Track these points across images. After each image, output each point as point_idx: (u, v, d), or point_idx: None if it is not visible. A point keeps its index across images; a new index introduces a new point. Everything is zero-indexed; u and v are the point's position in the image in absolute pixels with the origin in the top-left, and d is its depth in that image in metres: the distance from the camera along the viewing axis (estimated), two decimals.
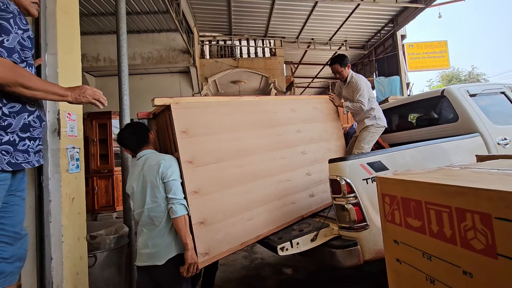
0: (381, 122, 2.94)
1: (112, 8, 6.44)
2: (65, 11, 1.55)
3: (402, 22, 8.62)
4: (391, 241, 0.77)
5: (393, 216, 0.76)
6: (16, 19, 1.06)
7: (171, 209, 1.54)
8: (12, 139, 1.10)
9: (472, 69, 27.17)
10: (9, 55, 1.02)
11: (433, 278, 0.65)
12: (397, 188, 0.74)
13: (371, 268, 2.86)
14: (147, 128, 1.82)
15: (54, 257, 1.37)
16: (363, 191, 1.84)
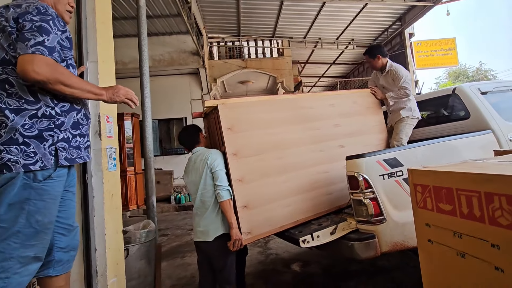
0: (416, 114, 2.91)
1: (124, 12, 6.61)
2: (102, 22, 1.68)
3: (410, 20, 8.62)
4: (422, 224, 0.88)
5: (425, 203, 0.87)
6: (54, 21, 1.16)
7: (218, 194, 1.85)
8: (66, 136, 1.21)
9: (480, 65, 26.80)
10: (50, 54, 1.11)
11: (463, 252, 0.76)
12: (429, 178, 0.85)
13: (384, 263, 2.96)
14: (199, 130, 2.17)
15: (98, 248, 1.50)
16: (380, 187, 1.93)
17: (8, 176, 1.06)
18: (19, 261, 1.07)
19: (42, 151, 1.13)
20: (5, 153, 1.06)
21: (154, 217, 2.56)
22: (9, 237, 1.05)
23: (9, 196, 1.06)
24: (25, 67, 1.05)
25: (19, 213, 1.07)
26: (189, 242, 4.43)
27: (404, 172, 2.01)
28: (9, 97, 1.10)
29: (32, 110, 1.13)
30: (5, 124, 1.08)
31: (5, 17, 1.11)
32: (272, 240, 4.08)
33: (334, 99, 2.62)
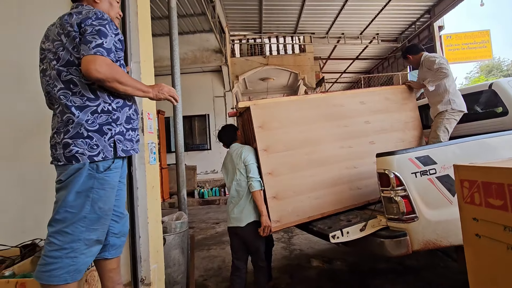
0: (457, 106, 2.75)
1: (151, 13, 6.83)
2: (143, 24, 1.79)
3: (440, 13, 8.23)
4: (470, 219, 0.89)
5: (473, 198, 0.88)
6: (110, 24, 1.28)
7: (250, 184, 2.07)
8: (121, 130, 1.32)
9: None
10: (108, 54, 1.22)
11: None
12: (477, 174, 0.86)
13: (413, 263, 2.92)
14: (235, 128, 2.41)
15: (142, 236, 1.62)
16: (411, 184, 1.91)
17: (76, 167, 1.19)
18: (84, 243, 1.19)
19: (103, 143, 1.24)
20: (73, 146, 1.19)
21: (185, 209, 2.67)
22: (77, 221, 1.18)
23: (77, 184, 1.18)
24: (88, 66, 1.15)
25: (85, 200, 1.19)
26: (214, 235, 4.57)
27: (437, 170, 1.98)
28: (73, 96, 1.23)
29: (93, 106, 1.25)
30: (72, 120, 1.20)
31: (70, 23, 1.23)
32: (295, 236, 4.12)
33: (365, 96, 2.62)
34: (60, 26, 1.25)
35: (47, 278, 1.13)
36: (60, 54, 1.23)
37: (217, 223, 5.36)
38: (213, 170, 8.56)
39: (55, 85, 1.23)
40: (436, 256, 3.03)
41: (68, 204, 1.17)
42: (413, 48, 3.08)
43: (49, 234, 1.17)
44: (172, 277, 2.10)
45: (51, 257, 1.14)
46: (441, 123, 2.77)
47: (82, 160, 1.19)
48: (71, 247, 1.16)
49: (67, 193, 1.18)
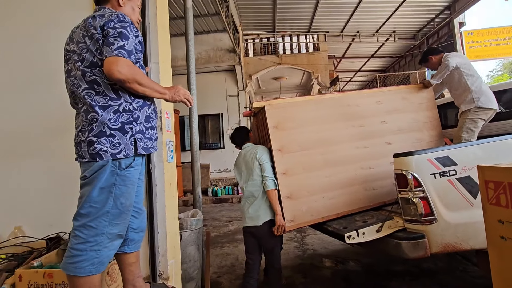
0: (482, 103, 2.61)
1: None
2: (162, 26, 1.84)
3: (460, 9, 7.95)
4: (495, 221, 0.87)
5: (498, 199, 0.86)
6: (131, 27, 1.33)
7: (265, 184, 2.08)
8: (141, 128, 1.36)
9: None
10: (128, 56, 1.26)
11: None
12: (503, 175, 0.84)
13: (430, 265, 2.85)
14: (248, 130, 2.46)
15: (160, 232, 1.66)
16: (430, 186, 1.86)
17: (100, 164, 1.24)
18: (107, 237, 1.25)
19: (125, 141, 1.29)
20: (97, 144, 1.24)
21: (200, 207, 2.72)
22: (101, 216, 1.23)
23: (101, 181, 1.24)
24: (110, 67, 1.19)
25: (108, 195, 1.25)
26: (227, 233, 4.62)
27: (457, 172, 1.92)
28: (97, 95, 1.28)
29: (115, 106, 1.29)
30: (96, 119, 1.25)
31: (93, 25, 1.27)
32: (308, 236, 4.10)
33: (381, 95, 2.58)
34: (84, 28, 1.30)
35: (73, 269, 1.18)
36: (84, 56, 1.28)
37: (230, 221, 5.41)
38: (226, 168, 8.63)
39: (80, 85, 1.28)
40: (454, 259, 2.94)
41: (92, 200, 1.22)
42: (434, 49, 3.03)
43: (74, 228, 1.23)
44: (187, 273, 2.15)
45: (77, 249, 1.20)
46: (464, 123, 2.67)
47: (106, 158, 1.24)
48: (95, 241, 1.21)
49: (91, 189, 1.23)
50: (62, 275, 1.37)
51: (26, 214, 2.00)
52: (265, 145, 2.32)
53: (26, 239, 1.83)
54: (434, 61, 2.94)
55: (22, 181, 2.04)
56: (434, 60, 2.94)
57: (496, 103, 2.67)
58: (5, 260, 1.60)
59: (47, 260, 1.55)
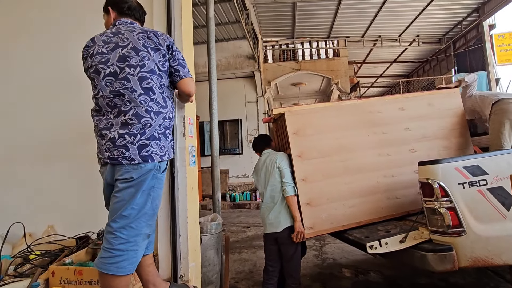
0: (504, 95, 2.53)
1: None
2: (187, 36, 1.92)
3: (491, 10, 7.59)
4: None
5: None
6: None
7: (284, 189, 2.09)
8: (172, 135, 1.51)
9: None
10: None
11: None
12: None
13: (458, 280, 2.70)
14: (269, 138, 2.49)
15: (182, 235, 1.71)
16: (459, 196, 1.78)
17: (149, 167, 1.32)
18: (143, 237, 1.32)
19: (168, 145, 1.43)
20: (150, 147, 1.33)
21: (219, 212, 2.75)
22: (141, 217, 1.30)
23: (145, 184, 1.31)
24: (189, 86, 1.53)
25: (147, 198, 1.32)
26: (245, 239, 4.62)
27: (488, 182, 1.83)
28: (151, 102, 1.38)
29: (164, 113, 1.43)
30: (149, 123, 1.35)
31: (159, 42, 1.46)
32: (328, 244, 4.02)
33: (405, 102, 2.52)
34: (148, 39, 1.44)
35: (116, 269, 1.23)
36: (146, 63, 1.40)
37: (248, 227, 5.42)
38: (244, 174, 8.68)
39: (134, 90, 1.35)
40: (485, 275, 2.77)
41: (135, 202, 1.28)
42: None
43: (114, 229, 1.27)
44: (207, 277, 2.18)
45: (119, 249, 1.25)
46: (493, 130, 2.50)
47: (156, 160, 1.34)
48: (135, 241, 1.28)
49: (135, 191, 1.29)
50: (91, 273, 1.44)
51: (58, 213, 2.12)
52: (285, 151, 2.32)
53: (57, 237, 1.95)
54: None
55: (54, 183, 2.18)
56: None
57: None
58: (39, 256, 1.71)
59: (77, 258, 1.64)
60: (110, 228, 1.27)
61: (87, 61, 1.43)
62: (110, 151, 1.31)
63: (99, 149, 1.37)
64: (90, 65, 1.41)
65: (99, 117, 1.38)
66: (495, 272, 2.71)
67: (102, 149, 1.34)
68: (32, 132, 2.27)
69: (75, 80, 2.01)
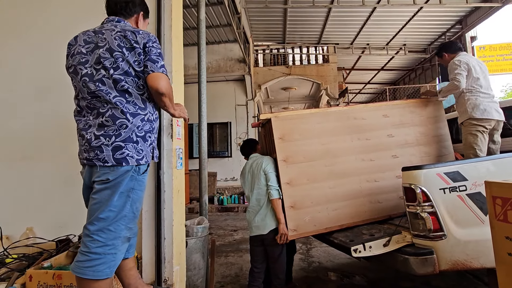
0: (478, 114, 2.46)
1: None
2: (176, 37, 1.91)
3: (472, 23, 7.92)
4: (502, 238, 0.86)
5: (505, 216, 0.85)
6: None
7: (269, 192, 2.14)
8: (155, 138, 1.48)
9: None
10: (167, 74, 1.41)
11: None
12: (511, 191, 0.83)
13: (439, 283, 2.76)
14: (255, 142, 2.56)
15: (167, 238, 1.68)
16: (440, 201, 1.84)
17: (125, 169, 1.29)
18: (122, 241, 1.29)
19: (146, 148, 1.38)
20: (125, 149, 1.30)
21: (206, 215, 2.73)
22: (119, 219, 1.27)
23: (122, 185, 1.28)
24: (158, 81, 1.34)
25: (126, 200, 1.29)
26: (232, 243, 4.59)
27: (468, 187, 1.89)
28: (127, 104, 1.35)
29: (142, 115, 1.38)
30: (125, 125, 1.32)
31: (135, 40, 1.37)
32: (314, 248, 4.04)
33: (388, 109, 2.58)
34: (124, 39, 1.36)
35: (92, 273, 1.20)
36: (120, 64, 1.34)
37: (235, 231, 5.38)
38: (232, 177, 8.65)
39: (109, 92, 1.33)
40: (465, 278, 2.85)
41: (112, 204, 1.26)
42: (451, 46, 2.80)
43: (92, 232, 1.24)
44: (192, 281, 2.15)
45: (95, 253, 1.22)
46: (466, 139, 2.56)
47: (131, 163, 1.30)
48: (113, 244, 1.24)
49: (112, 193, 1.26)
50: (71, 277, 1.40)
51: (37, 215, 2.05)
52: (272, 155, 2.35)
53: (37, 240, 1.88)
54: (448, 59, 2.77)
55: (34, 183, 2.11)
56: (447, 58, 2.78)
57: (496, 113, 2.50)
58: (16, 260, 1.65)
59: (56, 262, 1.58)
60: (87, 230, 1.24)
61: (68, 60, 1.42)
62: (87, 152, 1.30)
63: (79, 150, 1.36)
64: (70, 65, 1.40)
65: (79, 118, 1.37)
66: (474, 275, 2.80)
67: (81, 149, 1.33)
68: (12, 132, 2.20)
69: (57, 79, 1.97)
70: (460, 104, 2.64)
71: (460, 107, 2.63)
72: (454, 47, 2.79)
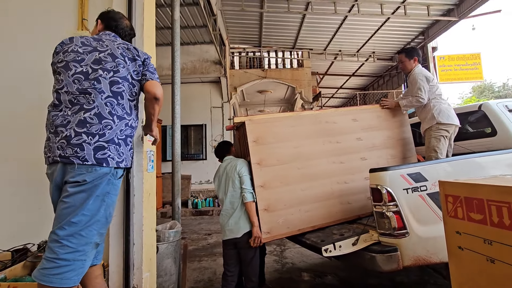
0: (444, 119, 2.65)
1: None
2: (148, 36, 1.86)
3: (433, 35, 8.55)
4: (453, 232, 0.94)
5: (456, 212, 0.93)
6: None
7: (243, 195, 2.14)
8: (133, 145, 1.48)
9: (507, 80, 25.83)
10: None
11: (493, 258, 0.82)
12: (460, 190, 0.92)
13: (403, 279, 2.92)
14: (231, 144, 2.55)
15: (136, 243, 1.62)
16: (403, 200, 1.95)
17: (104, 171, 1.25)
18: (92, 247, 1.23)
19: (127, 152, 1.39)
20: (107, 150, 1.28)
21: (179, 219, 2.67)
22: (92, 224, 1.21)
23: (98, 188, 1.23)
24: (156, 87, 1.48)
25: (101, 204, 1.24)
26: (206, 247, 4.52)
27: (428, 187, 2.03)
28: (117, 106, 1.37)
29: (127, 120, 1.41)
30: (110, 126, 1.31)
31: (138, 54, 1.52)
32: (288, 249, 4.10)
33: (357, 113, 2.70)
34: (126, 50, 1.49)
35: (60, 281, 1.13)
36: (120, 69, 1.41)
37: (209, 234, 5.31)
38: (207, 180, 8.53)
39: (103, 91, 1.34)
40: (426, 273, 3.04)
41: (86, 208, 1.20)
42: (411, 52, 2.93)
43: (61, 237, 1.17)
44: (163, 287, 2.08)
45: (64, 259, 1.15)
46: (429, 143, 2.74)
47: (111, 164, 1.27)
48: (83, 250, 1.19)
49: (87, 196, 1.21)
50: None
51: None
52: (246, 158, 2.35)
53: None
54: (406, 65, 2.89)
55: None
56: (406, 64, 2.89)
57: (456, 119, 2.72)
58: None
59: (12, 273, 1.46)
60: (56, 236, 1.17)
61: (59, 55, 1.41)
62: (63, 149, 1.23)
63: (49, 147, 1.27)
64: (60, 60, 1.39)
65: (56, 113, 1.31)
66: (434, 269, 2.99)
67: (53, 146, 1.25)
68: None
69: (22, 80, 1.83)
70: (425, 111, 2.79)
71: (426, 114, 2.78)
72: (413, 54, 2.92)
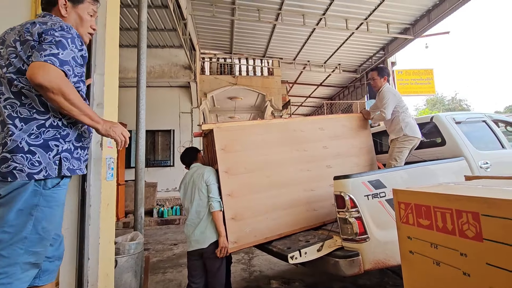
0: (410, 132, 2.92)
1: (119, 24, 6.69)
2: (111, 38, 1.77)
3: (392, 50, 9.24)
4: (405, 237, 1.00)
5: (407, 218, 1.00)
6: (74, 39, 1.22)
7: (211, 204, 2.08)
8: (69, 147, 1.23)
9: (455, 94, 28.75)
10: (60, 66, 1.12)
11: (438, 261, 0.89)
12: (411, 197, 0.98)
13: (366, 282, 3.05)
14: (197, 150, 2.46)
15: (91, 258, 1.50)
16: (364, 206, 2.04)
17: (20, 182, 1.08)
18: (21, 268, 1.07)
19: (47, 160, 1.15)
20: (12, 161, 1.08)
21: (141, 229, 2.54)
22: (16, 242, 1.05)
23: (20, 201, 1.07)
24: (34, 71, 1.07)
25: (27, 219, 1.08)
26: (171, 258, 4.34)
27: (386, 194, 2.15)
28: (21, 107, 1.14)
29: (41, 120, 1.16)
30: (12, 132, 1.10)
31: (30, 32, 1.16)
32: (256, 257, 4.08)
33: (324, 122, 2.79)
34: (18, 33, 1.18)
35: None
36: (12, 61, 1.15)
37: (175, 244, 5.11)
38: (174, 188, 8.25)
39: (3, 93, 1.14)
40: (387, 275, 3.20)
41: (7, 224, 1.05)
42: (382, 71, 3.19)
43: None
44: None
45: None
46: (393, 151, 2.98)
47: (20, 178, 1.08)
48: (5, 272, 1.03)
49: (7, 211, 1.05)
50: None
51: None
52: (213, 166, 2.31)
53: None
54: (377, 82, 3.15)
55: None
56: (377, 81, 3.15)
57: (419, 133, 3.03)
58: None
59: None
60: None
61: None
62: None
63: None
64: None
65: None
66: (393, 271, 3.16)
67: None
68: None
69: None
70: (394, 123, 3.05)
71: (395, 126, 3.04)
72: (383, 73, 3.17)
